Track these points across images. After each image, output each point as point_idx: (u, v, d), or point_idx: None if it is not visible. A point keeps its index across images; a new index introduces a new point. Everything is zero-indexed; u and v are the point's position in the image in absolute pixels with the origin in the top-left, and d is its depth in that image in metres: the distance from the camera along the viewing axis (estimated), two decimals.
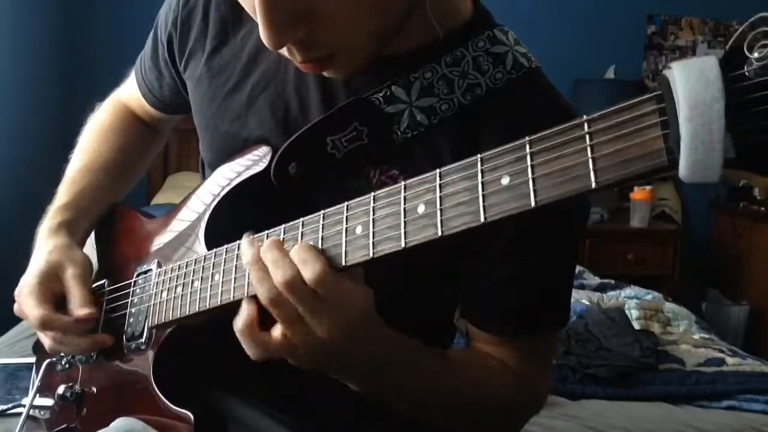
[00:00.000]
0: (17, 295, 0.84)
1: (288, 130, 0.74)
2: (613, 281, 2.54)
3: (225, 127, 0.79)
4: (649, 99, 0.40)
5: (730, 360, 1.85)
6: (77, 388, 0.88)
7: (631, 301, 2.27)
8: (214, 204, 0.77)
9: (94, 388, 0.87)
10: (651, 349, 1.85)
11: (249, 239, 0.61)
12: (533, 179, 0.44)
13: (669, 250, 3.23)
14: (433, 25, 0.70)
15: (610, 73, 3.39)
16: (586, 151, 0.42)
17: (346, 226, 0.56)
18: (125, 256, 0.90)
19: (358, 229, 0.55)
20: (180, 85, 0.90)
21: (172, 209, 0.86)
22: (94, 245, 0.97)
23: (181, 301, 0.72)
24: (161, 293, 0.77)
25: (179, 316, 0.73)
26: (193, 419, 0.70)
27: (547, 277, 0.75)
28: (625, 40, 3.52)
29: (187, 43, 0.84)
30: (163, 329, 0.77)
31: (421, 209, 0.51)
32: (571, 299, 0.80)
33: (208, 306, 0.68)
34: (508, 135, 0.68)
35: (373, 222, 0.54)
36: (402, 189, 0.53)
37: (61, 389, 0.88)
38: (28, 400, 0.90)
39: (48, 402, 0.91)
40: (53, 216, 0.91)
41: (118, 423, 0.76)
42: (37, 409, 0.92)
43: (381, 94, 0.70)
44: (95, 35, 3.25)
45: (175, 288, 0.74)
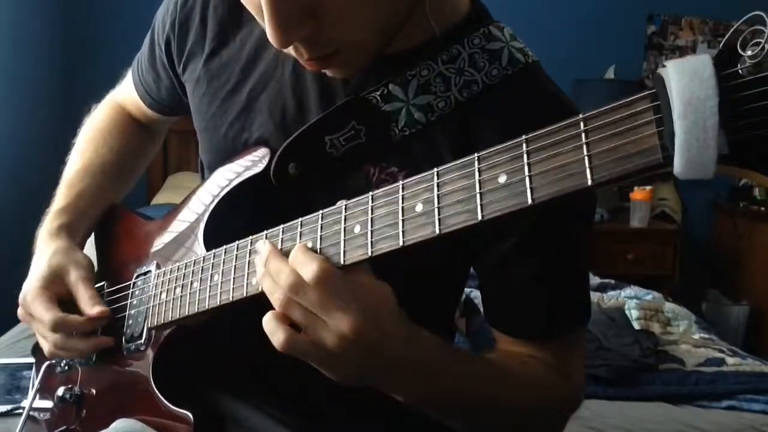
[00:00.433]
0: (22, 301, 0.84)
1: (287, 131, 0.74)
2: (613, 281, 2.54)
3: (224, 129, 0.79)
4: (644, 97, 0.40)
5: (730, 360, 1.85)
6: (77, 389, 0.88)
7: (631, 301, 2.27)
8: (213, 205, 0.77)
9: (94, 390, 0.87)
10: (651, 349, 1.85)
11: (264, 245, 0.61)
12: (530, 177, 0.45)
13: (669, 250, 3.22)
14: (425, 24, 0.70)
15: (610, 73, 3.39)
16: (582, 149, 0.42)
17: (344, 226, 0.56)
18: (124, 258, 0.91)
19: (357, 229, 0.55)
20: (178, 87, 0.90)
21: (171, 210, 0.86)
22: (94, 247, 0.98)
23: (180, 302, 0.73)
24: (160, 294, 0.77)
25: (178, 317, 0.73)
26: (192, 419, 0.70)
27: (567, 274, 0.75)
28: (625, 40, 3.52)
29: (185, 45, 0.84)
30: (162, 330, 0.77)
31: (419, 208, 0.51)
32: (590, 293, 0.80)
33: (207, 307, 0.68)
34: (505, 131, 0.68)
35: (371, 221, 0.54)
36: (400, 188, 0.53)
37: (60, 391, 0.88)
38: (27, 402, 0.91)
39: (47, 404, 0.91)
40: (52, 219, 0.91)
41: (118, 425, 0.76)
42: (36, 411, 0.92)
43: (378, 93, 0.71)
44: (95, 35, 3.25)
45: (174, 289, 0.74)
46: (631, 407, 1.62)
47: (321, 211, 0.58)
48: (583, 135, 0.42)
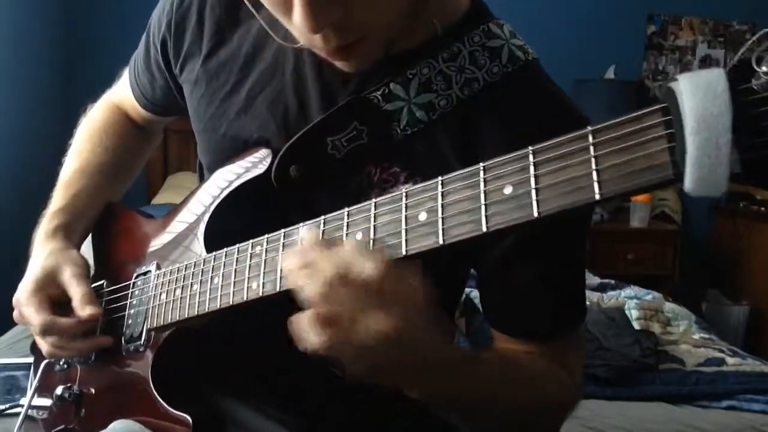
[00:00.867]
0: (16, 304, 0.84)
1: (287, 131, 0.74)
2: (613, 281, 2.54)
3: (223, 129, 0.79)
4: (655, 111, 0.39)
5: (730, 360, 1.84)
6: (75, 388, 0.88)
7: (631, 301, 2.27)
8: (214, 207, 0.76)
9: (93, 390, 0.87)
10: (651, 349, 1.85)
11: (308, 229, 0.58)
12: (536, 189, 0.44)
13: (669, 250, 3.22)
14: (432, 22, 0.70)
15: (610, 73, 3.38)
16: (590, 163, 0.41)
17: (346, 232, 0.55)
18: (124, 257, 0.90)
19: (359, 236, 0.54)
20: (174, 87, 0.89)
21: (171, 210, 0.86)
22: (91, 246, 0.97)
23: (180, 303, 0.72)
24: (160, 295, 0.77)
25: (178, 318, 0.73)
26: (191, 422, 0.70)
27: (566, 274, 0.76)
28: (625, 40, 3.52)
29: (182, 46, 0.84)
30: (162, 331, 0.77)
31: (422, 217, 0.51)
32: (584, 290, 0.80)
33: (207, 309, 0.68)
34: (507, 128, 0.68)
35: (373, 229, 0.53)
36: (403, 196, 0.52)
37: (59, 390, 0.87)
38: (26, 401, 0.90)
39: (46, 402, 0.91)
40: (49, 220, 0.91)
41: (116, 426, 0.75)
42: (35, 410, 0.92)
43: (379, 93, 0.70)
44: (95, 35, 3.25)
45: (174, 290, 0.74)
46: (631, 407, 1.62)
47: (323, 216, 0.57)
48: (591, 148, 0.42)
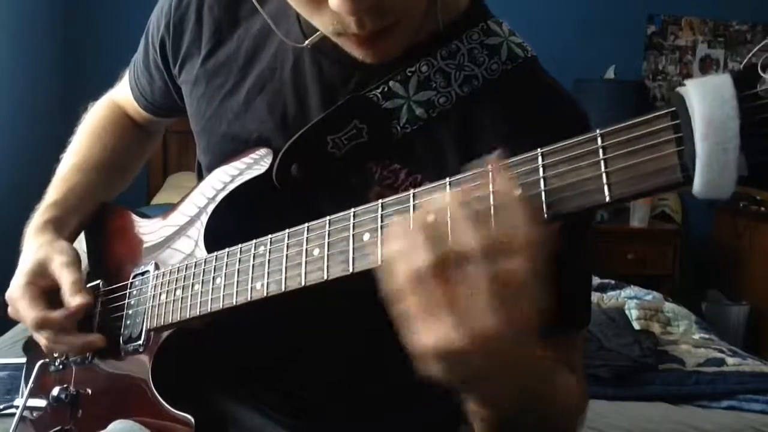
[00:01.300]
0: (9, 299, 0.83)
1: (287, 130, 0.74)
2: (613, 281, 2.54)
3: (223, 129, 0.78)
4: (664, 115, 0.40)
5: (730, 360, 1.85)
6: (72, 389, 0.87)
7: (631, 301, 2.28)
8: (213, 206, 0.76)
9: (90, 390, 0.86)
10: (651, 349, 1.85)
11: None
12: (545, 192, 0.44)
13: (669, 250, 3.22)
14: (434, 18, 0.70)
15: (610, 73, 3.38)
16: (600, 165, 0.42)
17: (353, 233, 0.55)
18: (120, 257, 0.90)
19: (366, 237, 0.54)
20: (172, 88, 0.89)
21: (169, 210, 0.85)
22: (84, 249, 0.97)
23: (181, 304, 0.72)
24: (159, 296, 0.76)
25: (179, 319, 0.72)
26: (193, 422, 0.70)
27: (571, 272, 0.74)
28: (625, 40, 3.52)
29: (180, 46, 0.83)
30: (162, 332, 0.76)
31: (430, 218, 0.49)
32: (591, 296, 0.79)
33: (209, 310, 0.68)
34: (507, 125, 0.68)
35: (381, 230, 0.53)
36: (411, 197, 0.52)
37: (55, 391, 0.87)
38: (21, 401, 0.90)
39: (41, 403, 0.90)
40: (41, 214, 0.90)
41: (116, 426, 0.75)
42: (30, 410, 0.91)
43: (379, 91, 0.70)
44: (95, 35, 3.25)
45: (175, 291, 0.74)
46: (631, 407, 1.62)
47: (328, 216, 0.57)
48: (600, 151, 0.42)
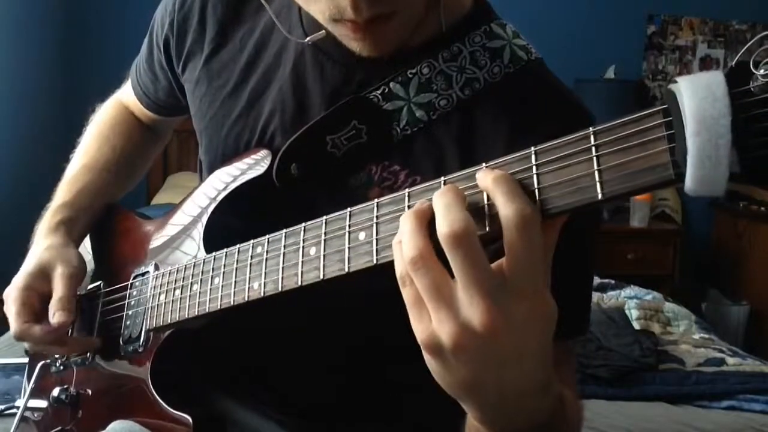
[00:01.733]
0: (5, 297, 0.83)
1: (288, 130, 0.74)
2: (613, 281, 2.54)
3: (226, 130, 0.79)
4: (656, 112, 0.40)
5: (730, 360, 1.85)
6: (72, 390, 0.87)
7: (631, 301, 2.28)
8: (213, 207, 0.76)
9: (90, 391, 0.86)
10: (651, 349, 1.85)
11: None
12: (539, 189, 0.44)
13: (669, 250, 3.23)
14: (436, 21, 0.70)
15: (610, 73, 3.39)
16: (593, 162, 0.42)
17: (348, 232, 0.55)
18: (122, 258, 0.90)
19: (362, 236, 0.54)
20: (176, 87, 0.89)
21: (169, 210, 0.86)
22: (89, 250, 0.97)
23: (180, 304, 0.72)
24: (159, 296, 0.76)
25: (178, 319, 0.72)
26: (191, 422, 0.70)
27: (568, 276, 0.72)
28: (625, 40, 3.52)
29: (184, 45, 0.84)
30: (161, 332, 0.76)
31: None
32: (590, 305, 0.77)
33: (208, 310, 0.68)
34: (508, 128, 0.68)
35: (376, 229, 0.53)
36: (406, 196, 0.51)
37: (56, 391, 0.87)
38: (21, 402, 0.90)
39: (42, 404, 0.90)
40: (53, 215, 0.90)
41: (116, 426, 0.75)
42: (31, 411, 0.92)
43: (379, 92, 0.70)
44: (95, 35, 3.25)
45: (174, 291, 0.74)
46: (631, 407, 1.62)
47: (324, 217, 0.57)
48: (593, 148, 0.42)
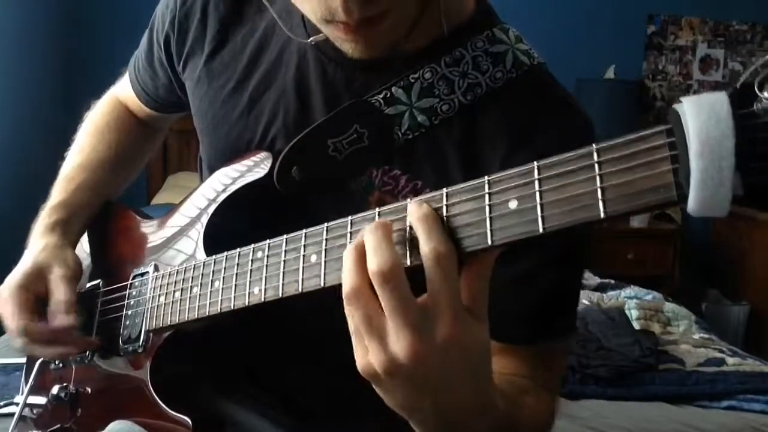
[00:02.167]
0: (0, 294, 0.83)
1: (290, 132, 0.74)
2: (613, 281, 2.55)
3: (226, 129, 0.79)
4: (660, 132, 0.40)
5: (730, 360, 1.85)
6: (72, 388, 0.87)
7: (631, 301, 2.28)
8: (213, 209, 0.76)
9: (89, 389, 0.86)
10: (651, 349, 1.85)
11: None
12: (541, 205, 0.44)
13: (669, 250, 3.23)
14: (438, 24, 0.70)
15: (610, 73, 3.39)
16: (595, 181, 0.41)
17: (349, 241, 0.54)
18: (121, 257, 0.90)
19: None
20: (176, 85, 0.89)
21: (169, 211, 0.85)
22: (86, 248, 0.97)
23: (180, 306, 0.72)
24: (159, 297, 0.76)
25: (177, 321, 0.72)
26: (190, 423, 0.70)
27: (558, 275, 0.72)
28: (625, 40, 3.52)
29: (185, 43, 0.83)
30: (161, 333, 0.76)
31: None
32: (578, 305, 0.78)
33: (208, 313, 0.68)
34: (510, 134, 0.68)
35: None
36: (407, 207, 0.51)
37: (55, 389, 0.87)
38: (20, 399, 0.90)
39: (41, 400, 0.90)
40: (49, 214, 0.90)
41: (115, 426, 0.75)
42: (29, 408, 0.91)
43: (381, 96, 0.70)
44: (95, 35, 3.25)
45: (174, 293, 0.74)
46: (631, 407, 1.62)
47: (325, 224, 0.56)
48: (596, 166, 0.42)
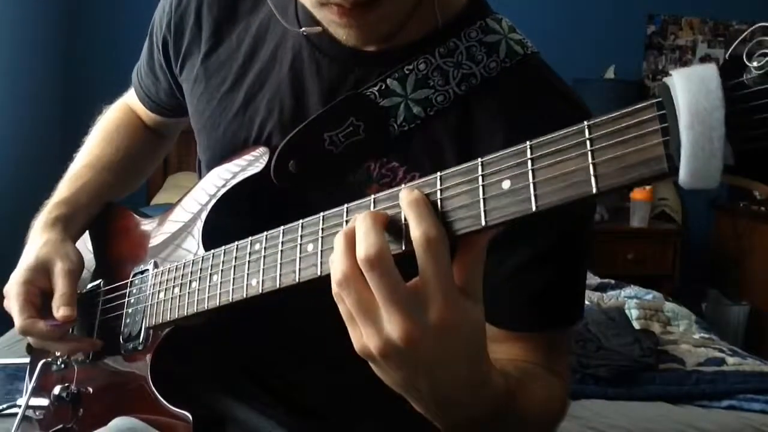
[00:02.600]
0: (6, 293, 0.83)
1: (286, 128, 0.74)
2: (613, 281, 2.54)
3: (223, 127, 0.79)
4: (650, 106, 0.40)
5: (730, 360, 1.84)
6: (73, 388, 0.87)
7: (631, 300, 2.27)
8: (211, 205, 0.76)
9: (91, 389, 0.86)
10: (651, 348, 1.85)
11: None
12: (534, 184, 0.44)
13: (669, 250, 3.23)
14: (432, 16, 0.70)
15: (610, 73, 3.39)
16: (587, 157, 0.42)
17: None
18: (121, 256, 0.90)
19: None
20: (176, 88, 0.90)
21: (168, 209, 0.86)
22: (89, 248, 0.97)
23: (179, 302, 0.72)
24: (158, 294, 0.77)
25: (177, 317, 0.72)
26: (191, 419, 0.70)
27: (558, 265, 0.73)
28: (625, 40, 3.53)
29: (181, 45, 0.84)
30: (161, 330, 0.77)
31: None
32: (585, 293, 0.78)
33: (206, 307, 0.68)
34: (505, 122, 0.68)
35: None
36: (406, 188, 0.51)
37: (57, 389, 0.87)
38: (23, 401, 0.90)
39: (44, 402, 0.90)
40: (50, 210, 0.90)
41: (118, 422, 0.75)
42: (32, 410, 0.92)
43: (376, 88, 0.70)
44: (95, 38, 3.25)
45: (173, 289, 0.74)
46: (631, 407, 1.62)
47: (321, 213, 0.57)
48: (588, 142, 0.42)
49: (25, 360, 1.21)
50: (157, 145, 1.09)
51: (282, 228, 0.60)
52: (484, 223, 0.46)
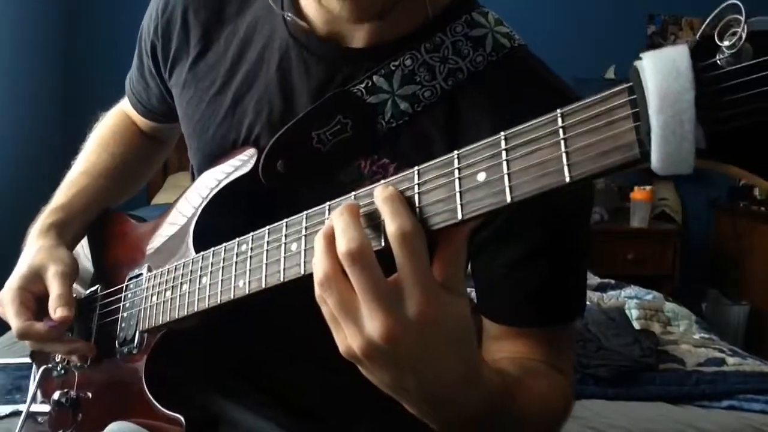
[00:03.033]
0: (0, 300, 0.83)
1: (274, 129, 0.74)
2: (613, 281, 2.54)
3: (212, 130, 0.79)
4: (621, 91, 0.39)
5: (731, 360, 1.84)
6: (72, 393, 0.88)
7: (631, 300, 2.27)
8: (202, 207, 0.76)
9: (90, 394, 0.87)
10: (651, 349, 1.84)
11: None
12: (509, 175, 0.44)
13: (669, 250, 3.23)
14: (417, 12, 0.70)
15: (610, 73, 3.39)
16: (560, 145, 0.41)
17: None
18: (117, 261, 0.90)
19: None
20: (166, 93, 0.90)
21: (162, 213, 0.86)
22: (88, 255, 0.97)
23: (170, 305, 0.72)
24: (151, 297, 0.77)
25: (168, 320, 0.73)
26: (184, 422, 0.70)
27: (553, 261, 0.72)
28: (625, 40, 3.52)
29: (169, 50, 0.84)
30: (154, 333, 0.77)
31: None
32: (586, 286, 0.77)
33: (196, 309, 0.68)
34: (493, 116, 0.68)
35: None
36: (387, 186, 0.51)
37: (56, 395, 0.87)
38: (24, 408, 0.90)
39: (45, 408, 0.91)
40: (46, 217, 0.90)
41: (114, 427, 0.76)
42: (35, 416, 0.92)
43: (363, 85, 0.70)
44: (95, 38, 3.26)
45: (165, 292, 0.74)
46: (631, 407, 1.62)
47: (305, 212, 0.57)
48: (561, 131, 0.41)
49: (25, 360, 1.21)
50: (154, 150, 1.09)
51: (267, 228, 0.60)
52: (460, 216, 0.46)
